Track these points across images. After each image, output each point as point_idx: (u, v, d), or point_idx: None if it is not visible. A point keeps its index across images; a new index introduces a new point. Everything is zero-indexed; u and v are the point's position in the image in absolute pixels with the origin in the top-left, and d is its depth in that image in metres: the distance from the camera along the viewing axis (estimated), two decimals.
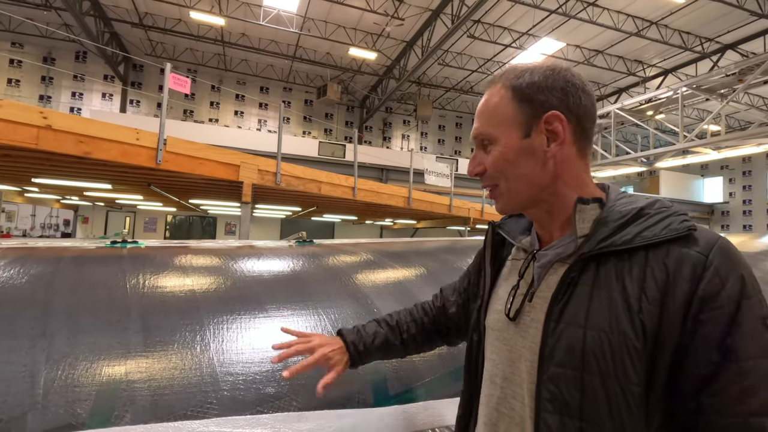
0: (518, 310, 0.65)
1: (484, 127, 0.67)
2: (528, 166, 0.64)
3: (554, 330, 0.58)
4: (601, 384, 0.53)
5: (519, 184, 0.65)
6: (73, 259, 1.20)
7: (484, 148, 0.67)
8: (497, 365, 0.67)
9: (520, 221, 0.77)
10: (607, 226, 0.59)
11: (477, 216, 10.97)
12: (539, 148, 0.63)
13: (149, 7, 12.12)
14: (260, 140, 13.74)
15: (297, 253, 1.55)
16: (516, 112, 0.64)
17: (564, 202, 0.65)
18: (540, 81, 0.63)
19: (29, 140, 3.85)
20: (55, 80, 14.24)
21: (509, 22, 12.12)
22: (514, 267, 0.72)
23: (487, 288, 0.75)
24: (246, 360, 0.92)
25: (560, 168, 0.64)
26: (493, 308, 0.72)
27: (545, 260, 0.65)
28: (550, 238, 0.68)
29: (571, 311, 0.57)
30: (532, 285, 0.65)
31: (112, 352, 0.87)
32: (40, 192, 8.80)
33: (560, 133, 0.63)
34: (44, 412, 0.74)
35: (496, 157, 0.65)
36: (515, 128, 0.64)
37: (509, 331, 0.66)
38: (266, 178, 5.79)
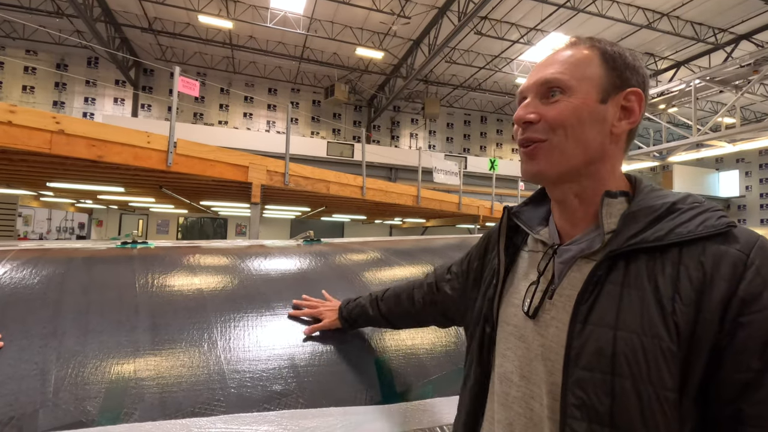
0: (537, 308, 0.61)
1: (563, 74, 0.60)
2: (593, 132, 0.59)
3: (580, 332, 0.54)
4: (633, 388, 0.49)
5: (576, 147, 0.59)
6: (84, 260, 1.22)
7: (547, 97, 0.61)
8: (512, 362, 0.64)
9: (538, 210, 0.72)
10: (637, 222, 0.55)
11: (486, 214, 10.91)
12: (610, 120, 0.59)
13: (158, 11, 12.28)
14: (269, 141, 13.85)
15: (304, 252, 1.56)
16: (602, 74, 0.60)
17: (598, 190, 0.61)
18: (628, 57, 0.61)
19: (43, 145, 3.93)
20: (68, 86, 14.52)
21: (517, 18, 12.01)
22: (532, 259, 0.68)
23: (500, 277, 0.70)
24: (253, 358, 0.93)
25: (612, 150, 0.61)
26: (509, 301, 0.68)
27: (567, 256, 0.61)
28: (572, 230, 0.63)
29: (599, 312, 0.53)
30: (552, 281, 0.61)
31: (122, 350, 0.88)
32: (55, 196, 8.98)
33: (636, 112, 0.60)
34: (55, 410, 0.75)
35: (567, 109, 0.59)
36: (596, 89, 0.59)
37: (527, 328, 0.62)
38: (275, 179, 5.82)
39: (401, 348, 1.06)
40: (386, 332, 1.10)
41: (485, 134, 19.51)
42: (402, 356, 1.04)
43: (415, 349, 1.06)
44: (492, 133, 19.60)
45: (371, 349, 1.04)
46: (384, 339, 1.08)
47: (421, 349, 1.07)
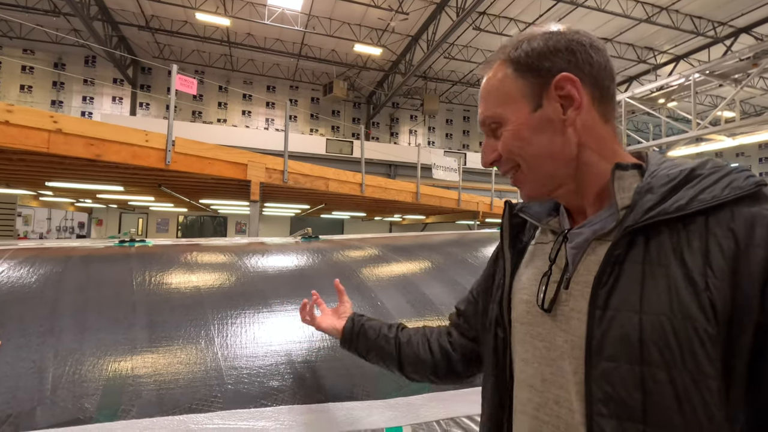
0: (553, 300, 0.56)
1: (489, 110, 0.59)
2: (546, 140, 0.56)
3: (601, 318, 0.49)
4: (668, 378, 0.44)
5: (541, 162, 0.57)
6: (82, 258, 1.23)
7: (494, 133, 0.60)
8: (532, 365, 0.58)
9: (545, 202, 0.68)
10: (653, 193, 0.50)
11: (486, 210, 10.90)
12: (555, 117, 0.56)
13: (155, 9, 12.23)
14: (268, 139, 13.83)
15: (302, 249, 1.56)
16: (521, 86, 0.57)
17: (594, 173, 0.57)
18: (540, 46, 0.56)
19: (41, 144, 3.93)
20: (66, 85, 14.48)
21: (515, 13, 11.97)
22: (538, 251, 0.64)
23: (507, 276, 0.65)
24: (250, 354, 0.93)
25: (584, 135, 0.56)
26: (518, 299, 0.63)
27: (580, 239, 0.57)
28: (583, 215, 0.59)
29: (620, 295, 0.48)
30: (566, 270, 0.56)
31: (119, 347, 0.89)
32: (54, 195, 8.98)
33: (575, 96, 0.55)
34: (53, 407, 0.75)
35: (508, 138, 0.58)
36: (523, 103, 0.57)
37: (544, 325, 0.57)
38: (274, 177, 5.82)
39: None
40: None
41: None
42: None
43: None
44: None
45: None
46: None
47: None
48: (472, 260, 1.57)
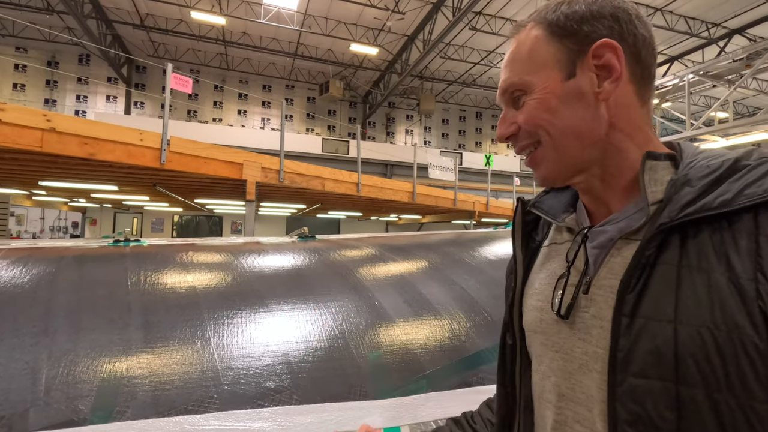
0: (571, 305, 0.50)
1: (515, 76, 0.53)
2: (576, 114, 0.50)
3: (629, 327, 0.43)
4: (708, 401, 0.39)
5: (566, 139, 0.51)
6: (76, 258, 1.21)
7: (516, 103, 0.54)
8: (548, 378, 0.53)
9: (561, 196, 0.62)
10: (691, 186, 0.44)
11: (482, 209, 10.93)
12: (588, 90, 0.50)
13: (150, 8, 12.15)
14: (264, 138, 13.79)
15: (298, 249, 1.55)
16: (555, 51, 0.51)
17: (623, 161, 0.51)
18: (582, 10, 0.51)
19: (34, 143, 3.89)
20: (60, 84, 14.36)
21: (511, 13, 12.00)
22: (553, 252, 0.58)
23: (519, 278, 0.61)
24: (246, 354, 0.93)
25: (617, 115, 0.50)
26: (529, 304, 0.58)
27: (603, 238, 0.51)
28: (606, 210, 0.53)
29: (651, 301, 0.42)
30: (586, 272, 0.51)
31: (114, 348, 0.88)
32: (47, 195, 8.90)
33: (615, 66, 0.49)
34: (46, 409, 0.74)
35: (533, 107, 0.51)
36: (555, 70, 0.51)
37: (561, 334, 0.52)
38: (270, 176, 5.80)
39: (396, 343, 1.06)
40: (381, 327, 1.10)
41: (480, 130, 19.52)
42: (396, 351, 1.04)
43: (409, 344, 1.06)
44: (487, 128, 19.61)
45: (366, 345, 1.04)
46: (378, 334, 1.08)
47: (415, 344, 1.07)
48: (469, 260, 1.57)
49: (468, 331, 1.14)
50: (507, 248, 1.78)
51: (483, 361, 1.05)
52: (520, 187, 13.27)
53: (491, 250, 1.71)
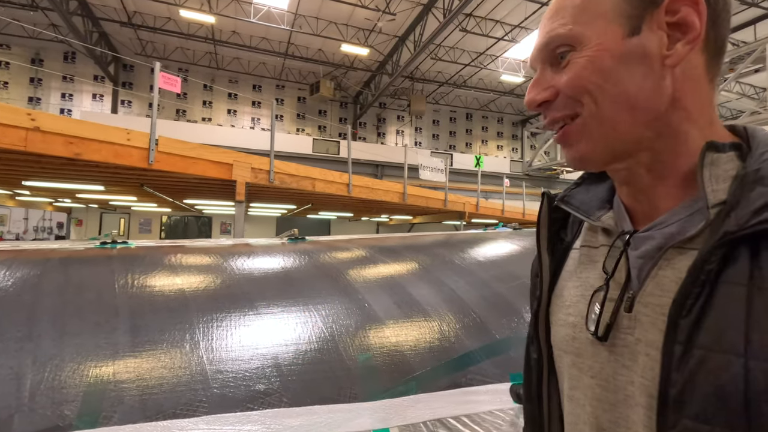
0: (610, 325, 0.42)
1: (563, 27, 0.43)
2: (634, 80, 0.40)
3: (684, 359, 0.35)
4: None
5: (617, 111, 0.41)
6: (61, 261, 1.19)
7: (557, 62, 0.44)
8: (582, 407, 0.45)
9: (595, 189, 0.52)
10: (766, 185, 0.36)
11: (472, 210, 10.99)
12: (655, 51, 0.40)
13: (138, 5, 12.00)
14: (254, 138, 13.69)
15: (288, 251, 1.55)
16: (618, 0, 0.41)
17: (680, 146, 0.42)
18: None
19: (17, 143, 3.81)
20: (44, 81, 14.09)
21: (501, 15, 12.10)
22: (587, 258, 0.49)
23: (545, 285, 0.53)
24: (236, 357, 0.92)
25: (682, 89, 0.41)
26: (558, 319, 0.50)
27: (650, 246, 0.42)
28: (652, 210, 0.44)
29: (712, 328, 0.35)
30: (628, 286, 0.42)
31: (100, 352, 0.87)
32: (31, 195, 8.73)
33: (694, 24, 0.40)
34: (31, 414, 0.73)
35: (582, 65, 0.42)
36: (615, 23, 0.41)
37: (598, 358, 0.44)
38: (260, 177, 5.76)
39: (385, 345, 1.07)
40: (370, 329, 1.11)
41: (471, 131, 19.63)
42: (386, 353, 1.05)
43: (399, 346, 1.07)
44: (477, 129, 19.73)
45: (355, 347, 1.04)
46: (368, 336, 1.08)
47: (405, 346, 1.07)
48: (459, 261, 1.58)
49: (457, 333, 1.15)
50: (496, 249, 1.80)
51: (471, 361, 1.06)
52: (510, 189, 13.38)
53: (481, 252, 1.72)
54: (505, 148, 20.21)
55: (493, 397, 0.99)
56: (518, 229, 2.50)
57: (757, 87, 14.99)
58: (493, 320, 1.21)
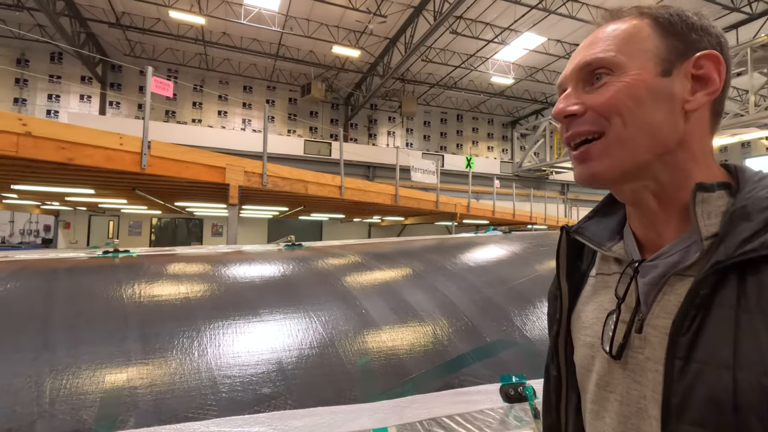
0: (623, 345, 0.48)
1: (605, 52, 0.49)
2: (658, 114, 0.47)
3: (682, 371, 0.41)
4: None
5: (640, 135, 0.47)
6: (68, 271, 1.24)
7: (591, 82, 0.50)
8: (602, 419, 0.51)
9: (606, 222, 0.58)
10: (750, 220, 0.42)
11: (463, 211, 11.10)
12: (679, 95, 0.47)
13: (126, 6, 11.90)
14: (245, 140, 13.66)
15: (286, 257, 1.60)
16: (658, 44, 0.48)
17: (685, 181, 0.48)
18: (694, 20, 0.49)
19: (8, 148, 3.80)
20: (30, 82, 13.90)
21: (491, 18, 12.24)
22: (601, 284, 0.56)
23: (564, 309, 0.59)
24: (242, 363, 0.98)
25: (691, 133, 0.48)
26: (579, 340, 0.56)
27: (655, 274, 0.48)
28: (658, 240, 0.50)
29: (707, 345, 0.40)
30: (638, 309, 0.48)
31: (114, 360, 0.91)
32: (19, 198, 8.62)
33: (714, 79, 0.47)
34: (52, 420, 0.78)
35: (618, 90, 0.47)
36: (652, 62, 0.48)
37: (614, 375, 0.49)
38: (252, 180, 5.79)
39: (382, 349, 1.13)
40: (368, 334, 1.16)
41: (461, 132, 19.80)
42: (383, 357, 1.11)
43: (395, 350, 1.13)
44: (468, 131, 19.90)
45: (354, 351, 1.10)
46: (366, 341, 1.14)
47: (401, 350, 1.14)
48: (451, 267, 1.65)
49: (450, 336, 1.21)
50: (486, 254, 1.87)
51: (464, 364, 1.13)
52: (500, 189, 13.54)
53: (471, 257, 1.79)
54: (495, 149, 20.41)
55: (485, 397, 1.06)
56: (508, 233, 2.58)
57: (740, 89, 15.36)
58: (483, 324, 1.28)
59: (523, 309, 1.38)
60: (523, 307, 1.39)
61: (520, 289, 1.51)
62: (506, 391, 1.07)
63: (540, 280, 1.59)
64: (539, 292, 1.49)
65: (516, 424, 1.02)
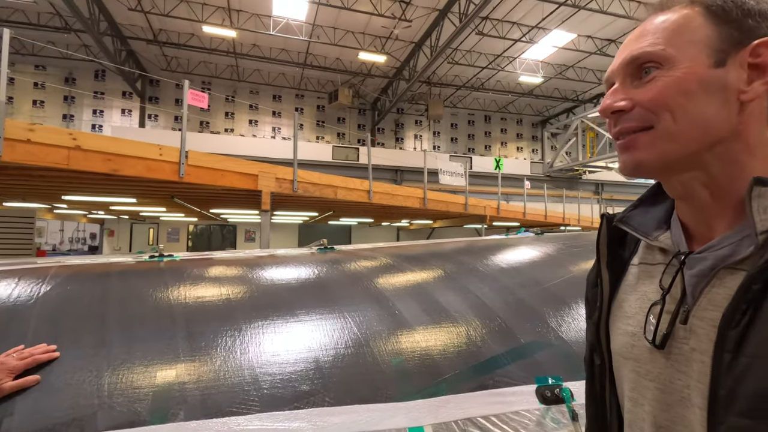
0: (666, 335, 0.48)
1: (654, 45, 0.47)
2: (710, 108, 0.46)
3: (731, 364, 0.41)
4: None
5: (692, 129, 0.46)
6: (119, 274, 1.32)
7: (639, 77, 0.49)
8: (642, 407, 0.51)
9: (653, 211, 0.57)
10: None
11: (493, 213, 10.94)
12: (733, 85, 0.45)
13: (163, 23, 12.49)
14: (275, 148, 14.01)
15: (320, 260, 1.64)
16: (710, 33, 0.46)
17: (737, 176, 0.47)
18: (751, 5, 0.47)
19: (60, 161, 4.07)
20: (77, 99, 14.79)
21: (518, 17, 12.06)
22: (645, 274, 0.55)
23: (605, 297, 0.59)
24: (282, 361, 1.01)
25: (746, 123, 0.46)
26: (618, 328, 0.56)
27: (704, 266, 0.47)
28: (707, 233, 0.50)
29: (757, 339, 0.40)
30: (683, 301, 0.48)
31: (164, 356, 0.97)
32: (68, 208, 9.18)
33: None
34: (110, 412, 0.84)
35: (668, 84, 0.46)
36: (703, 53, 0.46)
37: (656, 363, 0.49)
38: (284, 186, 5.93)
39: (416, 349, 1.14)
40: (402, 334, 1.18)
41: (489, 133, 19.54)
42: (417, 357, 1.12)
43: (429, 350, 1.14)
44: (496, 132, 19.62)
45: (389, 351, 1.12)
46: (400, 341, 1.16)
47: (434, 350, 1.15)
48: (482, 268, 1.65)
49: (483, 337, 1.21)
50: (518, 256, 1.85)
51: (498, 364, 1.13)
52: (531, 190, 13.26)
53: (503, 259, 1.78)
54: (525, 150, 20.01)
55: (520, 398, 1.05)
56: (540, 235, 2.54)
57: None
58: (517, 325, 1.27)
59: (559, 310, 1.36)
60: (559, 309, 1.37)
61: (554, 290, 1.49)
62: (542, 392, 1.06)
63: (575, 282, 1.56)
64: (575, 293, 1.47)
65: (553, 426, 1.01)
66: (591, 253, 0.55)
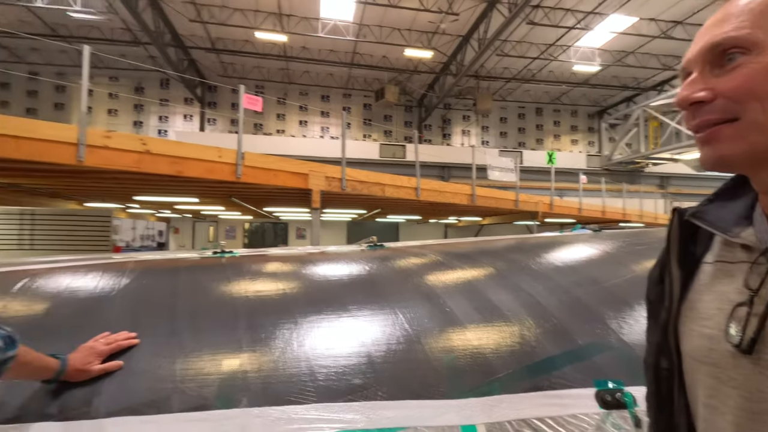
0: (755, 339, 0.44)
1: (741, 30, 0.43)
2: None
3: None
4: None
5: None
6: (187, 269, 1.42)
7: (721, 65, 0.45)
8: (723, 415, 0.47)
9: (731, 206, 0.53)
10: None
11: (546, 209, 10.53)
12: None
13: (219, 32, 13.20)
14: (324, 147, 14.37)
15: (370, 257, 1.67)
16: None
17: None
18: None
19: (132, 164, 4.44)
20: (145, 107, 16.04)
21: (572, 3, 11.48)
22: (723, 272, 0.51)
23: (675, 297, 0.55)
24: (335, 354, 1.05)
25: None
26: (692, 330, 0.52)
27: None
28: None
29: None
30: None
31: (228, 347, 1.04)
32: (140, 208, 9.98)
33: None
34: (182, 396, 0.91)
35: (757, 72, 0.42)
36: None
37: (740, 370, 0.45)
38: (333, 185, 6.08)
39: (468, 347, 1.13)
40: (453, 332, 1.18)
41: (541, 126, 18.78)
42: (469, 355, 1.11)
43: (481, 349, 1.13)
44: (549, 124, 18.82)
45: (440, 348, 1.12)
46: (451, 338, 1.16)
47: (486, 349, 1.13)
48: (535, 266, 1.60)
49: (538, 337, 1.18)
50: (574, 253, 1.77)
51: (554, 366, 1.09)
52: (587, 185, 12.60)
53: (557, 256, 1.72)
54: (580, 143, 19.03)
55: (577, 402, 1.01)
56: (598, 231, 2.41)
57: None
58: (574, 326, 1.22)
59: (620, 311, 1.29)
60: (620, 310, 1.30)
61: (614, 290, 1.41)
62: (602, 396, 1.01)
63: (638, 281, 1.47)
64: (637, 293, 1.38)
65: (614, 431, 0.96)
66: (655, 251, 0.51)
